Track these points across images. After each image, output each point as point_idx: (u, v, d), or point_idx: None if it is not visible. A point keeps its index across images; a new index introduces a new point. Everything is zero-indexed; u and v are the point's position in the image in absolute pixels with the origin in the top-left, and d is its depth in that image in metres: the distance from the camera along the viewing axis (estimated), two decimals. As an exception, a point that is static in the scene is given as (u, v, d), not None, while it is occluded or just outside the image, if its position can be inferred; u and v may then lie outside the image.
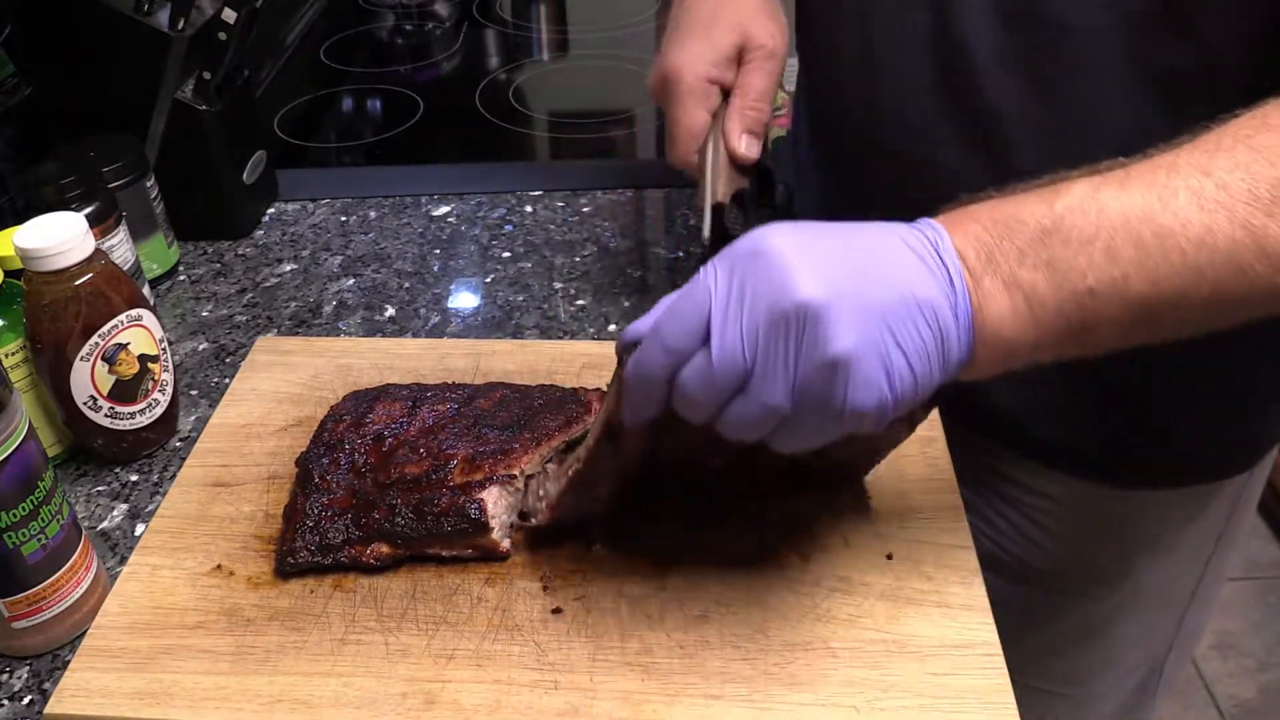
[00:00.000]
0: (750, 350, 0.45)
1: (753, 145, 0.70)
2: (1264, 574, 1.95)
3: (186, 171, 0.95)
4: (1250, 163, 0.47)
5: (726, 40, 0.71)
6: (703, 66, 0.71)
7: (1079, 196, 0.48)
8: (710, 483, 0.63)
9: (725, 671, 0.56)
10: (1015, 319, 0.47)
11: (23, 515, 0.57)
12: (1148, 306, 0.47)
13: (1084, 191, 0.48)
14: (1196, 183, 0.47)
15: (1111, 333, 0.48)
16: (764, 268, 0.45)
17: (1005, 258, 0.47)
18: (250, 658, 0.58)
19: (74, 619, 0.62)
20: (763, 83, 0.71)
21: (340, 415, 0.69)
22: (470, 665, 0.57)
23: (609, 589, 0.61)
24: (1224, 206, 0.46)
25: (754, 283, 0.45)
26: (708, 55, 0.71)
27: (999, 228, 0.48)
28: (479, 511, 0.61)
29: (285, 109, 1.22)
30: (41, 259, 0.65)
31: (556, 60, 1.40)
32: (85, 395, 0.69)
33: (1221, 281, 0.47)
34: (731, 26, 0.72)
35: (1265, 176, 0.46)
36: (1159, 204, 0.47)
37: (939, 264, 0.47)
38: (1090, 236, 0.47)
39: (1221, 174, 0.47)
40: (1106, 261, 0.46)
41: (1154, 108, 0.63)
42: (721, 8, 0.73)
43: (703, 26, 0.72)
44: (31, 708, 0.59)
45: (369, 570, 0.62)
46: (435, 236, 1.00)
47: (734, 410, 0.47)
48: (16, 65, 0.97)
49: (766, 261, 0.45)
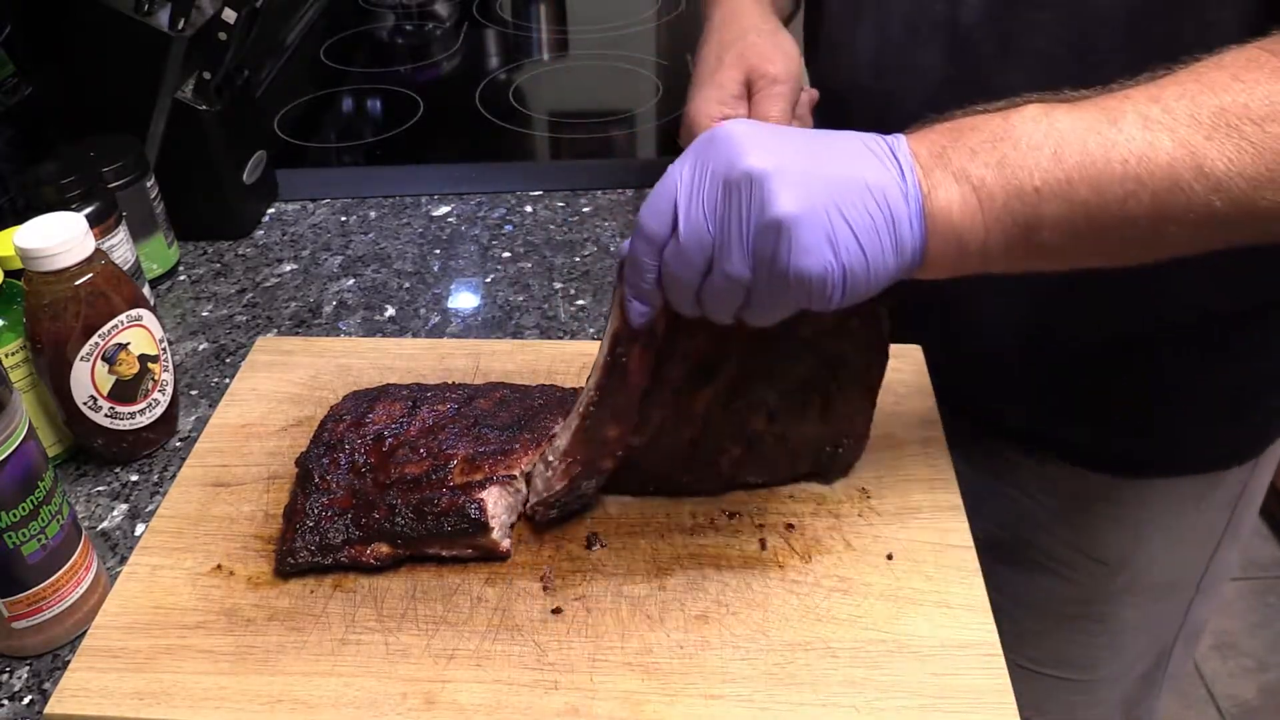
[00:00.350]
0: (712, 224, 0.49)
1: None
2: (1264, 574, 1.95)
3: (186, 171, 0.95)
4: (1197, 92, 0.49)
5: (732, 78, 0.76)
6: (714, 108, 0.76)
7: (1032, 113, 0.51)
8: (705, 462, 0.64)
9: (725, 671, 0.56)
10: (964, 207, 0.50)
11: (23, 515, 0.57)
12: (1089, 211, 0.50)
13: (1036, 110, 0.51)
14: (1144, 108, 0.50)
15: (1058, 236, 0.51)
16: (719, 147, 0.49)
17: (957, 155, 0.50)
18: (250, 658, 0.58)
19: (74, 619, 0.62)
20: (774, 107, 0.75)
21: (340, 415, 0.69)
22: (470, 665, 0.57)
23: (609, 589, 0.61)
24: (1166, 128, 0.49)
25: (712, 162, 0.49)
26: (716, 96, 0.76)
27: (953, 133, 0.51)
28: (479, 511, 0.61)
29: (285, 109, 1.22)
30: (41, 259, 0.65)
31: (556, 60, 1.40)
32: (85, 395, 0.69)
33: (1160, 195, 0.49)
34: (735, 65, 0.76)
35: (1208, 104, 0.49)
36: (1106, 121, 0.50)
37: (892, 159, 0.50)
38: (1039, 143, 0.49)
39: (1169, 100, 0.49)
40: (1053, 164, 0.49)
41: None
42: (725, 49, 0.78)
43: (709, 71, 0.77)
44: (31, 708, 0.59)
45: (369, 570, 0.62)
46: (435, 236, 1.00)
47: (707, 287, 0.51)
48: (16, 65, 0.97)
49: (722, 142, 0.49)
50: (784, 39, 0.79)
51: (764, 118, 0.75)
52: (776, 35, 0.79)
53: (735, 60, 0.77)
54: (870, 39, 0.76)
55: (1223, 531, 0.87)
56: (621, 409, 0.59)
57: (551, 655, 0.57)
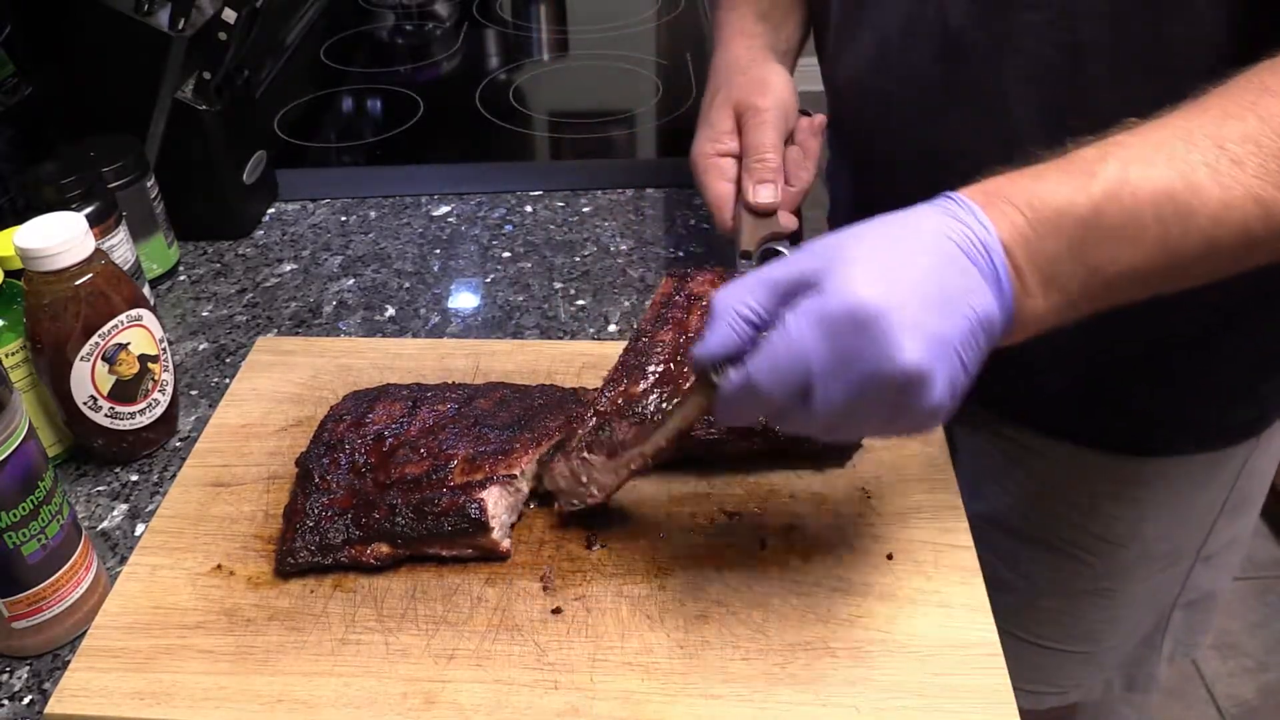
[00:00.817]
0: (851, 405, 0.48)
1: (763, 191, 0.76)
2: (1264, 574, 1.95)
3: (186, 171, 0.95)
4: (1259, 135, 0.50)
5: (722, 117, 0.80)
6: (707, 145, 0.80)
7: (1113, 179, 0.50)
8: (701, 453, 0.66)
9: (725, 671, 0.56)
10: (1050, 312, 0.51)
11: (23, 515, 0.57)
12: (1163, 275, 0.52)
13: (1116, 173, 0.50)
14: (1213, 157, 0.50)
15: (1125, 299, 0.52)
16: (862, 336, 0.47)
17: (1046, 258, 0.50)
18: (250, 658, 0.58)
19: (74, 619, 0.62)
20: (762, 136, 0.77)
21: (340, 415, 0.69)
22: (470, 665, 0.57)
23: (609, 589, 0.61)
24: (1239, 182, 0.50)
25: (854, 348, 0.47)
26: (709, 135, 0.80)
27: (1041, 224, 0.50)
28: (479, 511, 0.61)
29: (285, 109, 1.22)
30: (41, 259, 0.65)
31: (556, 60, 1.40)
32: (85, 395, 0.69)
33: (1231, 248, 0.51)
34: (724, 104, 0.80)
35: (1273, 149, 0.50)
36: (1181, 181, 0.50)
37: (987, 262, 0.49)
38: (1122, 224, 0.50)
39: (1234, 146, 0.50)
40: (1133, 247, 0.50)
41: (1147, 81, 0.64)
42: (716, 92, 0.82)
43: (704, 115, 0.82)
44: (31, 708, 0.59)
45: (369, 570, 0.62)
46: (435, 236, 1.00)
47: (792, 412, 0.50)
48: (16, 65, 0.97)
49: (863, 329, 0.47)
50: (771, 71, 0.82)
51: (755, 145, 0.77)
52: (763, 69, 0.82)
53: (724, 100, 0.81)
54: (870, 41, 0.78)
55: (1221, 505, 0.88)
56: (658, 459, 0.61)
57: (551, 655, 0.57)
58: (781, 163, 0.77)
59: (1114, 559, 0.88)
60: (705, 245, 0.97)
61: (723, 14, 0.90)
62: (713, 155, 0.79)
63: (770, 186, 0.76)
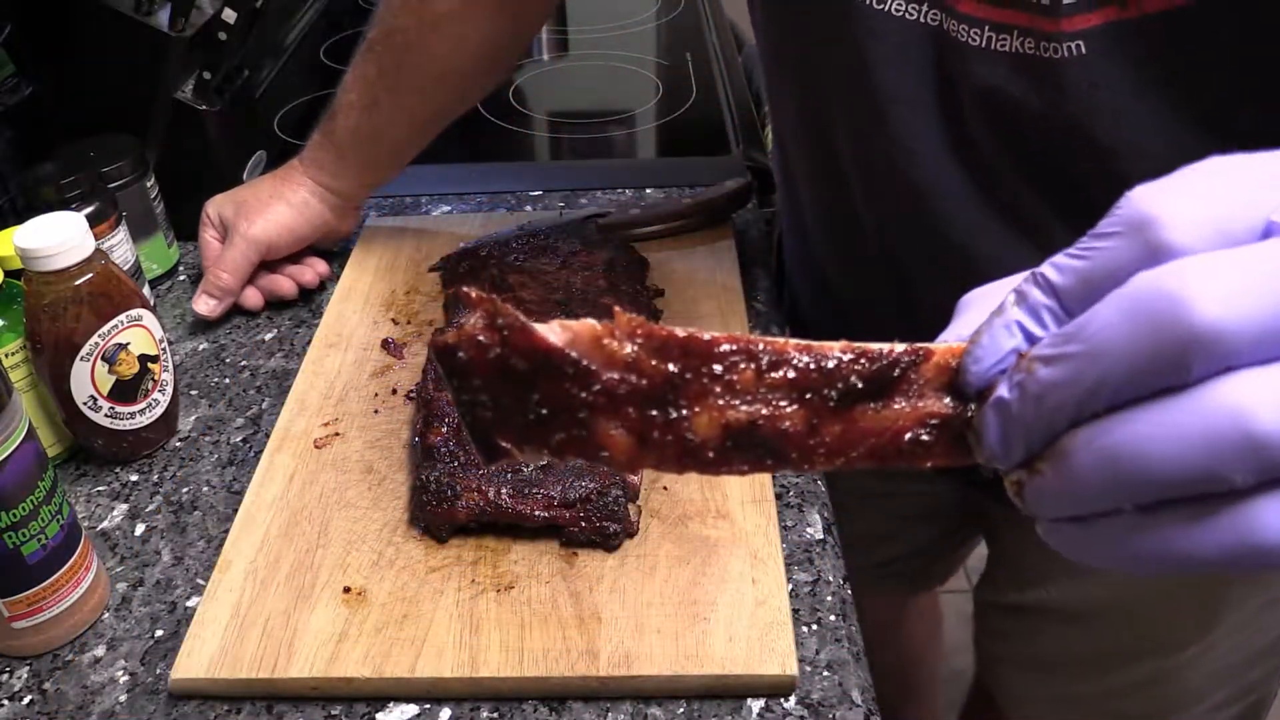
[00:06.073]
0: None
1: (200, 303, 0.86)
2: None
3: (186, 171, 0.95)
4: None
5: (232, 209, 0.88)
6: (213, 210, 0.89)
7: None
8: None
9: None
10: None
11: (23, 515, 0.57)
12: None
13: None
14: None
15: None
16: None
17: None
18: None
19: (74, 619, 0.62)
20: (230, 254, 0.86)
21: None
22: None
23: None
24: None
25: None
26: (227, 203, 0.89)
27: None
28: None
29: (285, 109, 1.22)
30: (41, 259, 0.65)
31: (556, 60, 1.40)
32: (85, 395, 0.69)
33: None
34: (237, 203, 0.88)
35: None
36: None
37: None
38: None
39: None
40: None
41: (1154, 108, 0.62)
42: (261, 183, 0.90)
43: (246, 188, 0.90)
44: (31, 708, 0.59)
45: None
46: (435, 236, 1.00)
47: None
48: (16, 65, 0.97)
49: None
50: (288, 205, 0.88)
51: (219, 261, 0.86)
52: (286, 199, 0.88)
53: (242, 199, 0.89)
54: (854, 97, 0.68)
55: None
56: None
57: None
58: (238, 286, 0.87)
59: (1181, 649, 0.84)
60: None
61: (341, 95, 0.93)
62: (208, 226, 0.88)
63: (214, 302, 0.86)
